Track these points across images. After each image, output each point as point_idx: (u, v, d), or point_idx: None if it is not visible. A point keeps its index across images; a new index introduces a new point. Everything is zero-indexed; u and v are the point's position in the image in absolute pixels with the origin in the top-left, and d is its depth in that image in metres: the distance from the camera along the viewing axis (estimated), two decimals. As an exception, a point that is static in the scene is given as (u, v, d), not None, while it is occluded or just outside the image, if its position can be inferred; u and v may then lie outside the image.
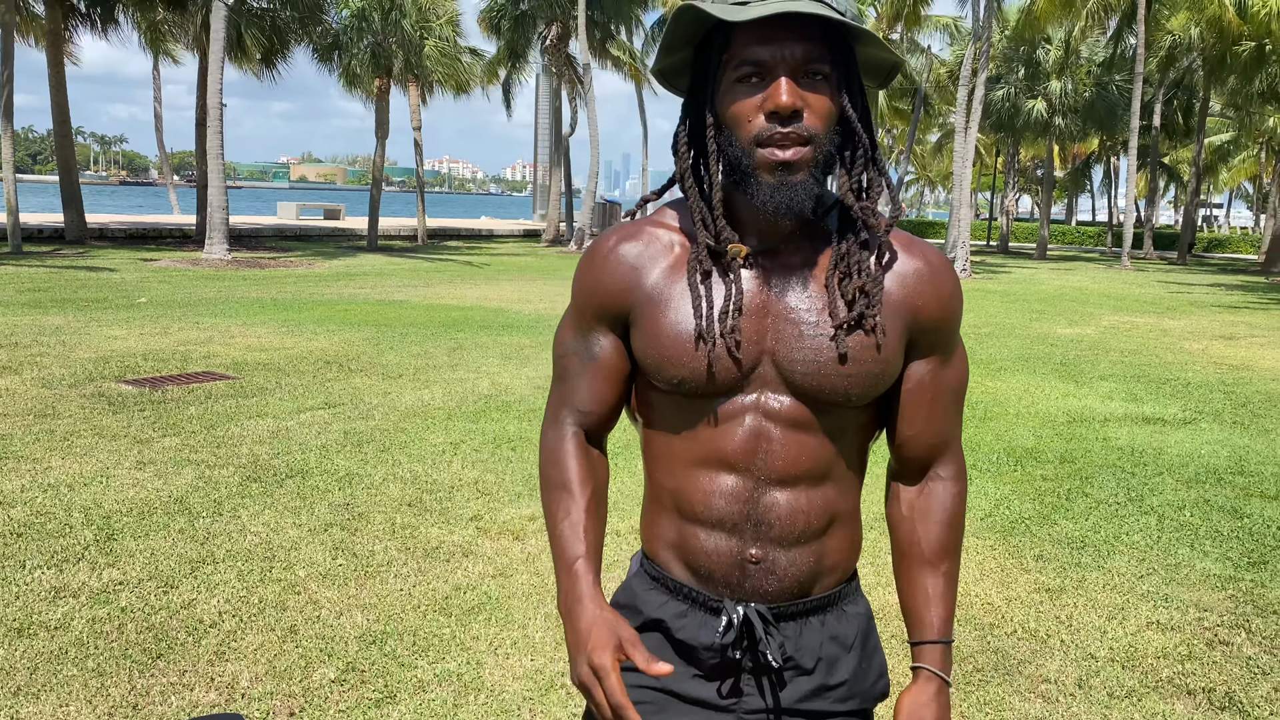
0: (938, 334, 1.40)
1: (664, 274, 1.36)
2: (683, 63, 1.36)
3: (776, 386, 1.33)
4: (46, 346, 8.87)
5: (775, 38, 1.22)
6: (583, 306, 1.42)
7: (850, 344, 1.30)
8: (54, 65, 23.40)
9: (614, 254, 1.38)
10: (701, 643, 1.39)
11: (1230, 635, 3.77)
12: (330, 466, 5.55)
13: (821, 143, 1.24)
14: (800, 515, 1.35)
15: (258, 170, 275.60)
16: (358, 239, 30.83)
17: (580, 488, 1.41)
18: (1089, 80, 37.03)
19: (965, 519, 1.45)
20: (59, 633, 3.43)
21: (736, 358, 1.30)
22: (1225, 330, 14.08)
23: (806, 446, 1.34)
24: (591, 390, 1.42)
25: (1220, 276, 28.45)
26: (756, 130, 1.23)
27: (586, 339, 1.42)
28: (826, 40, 1.24)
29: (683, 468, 1.38)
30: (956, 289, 1.41)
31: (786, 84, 1.21)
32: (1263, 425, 7.52)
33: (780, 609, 1.38)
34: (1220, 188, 67.49)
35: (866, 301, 1.29)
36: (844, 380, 1.31)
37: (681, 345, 1.31)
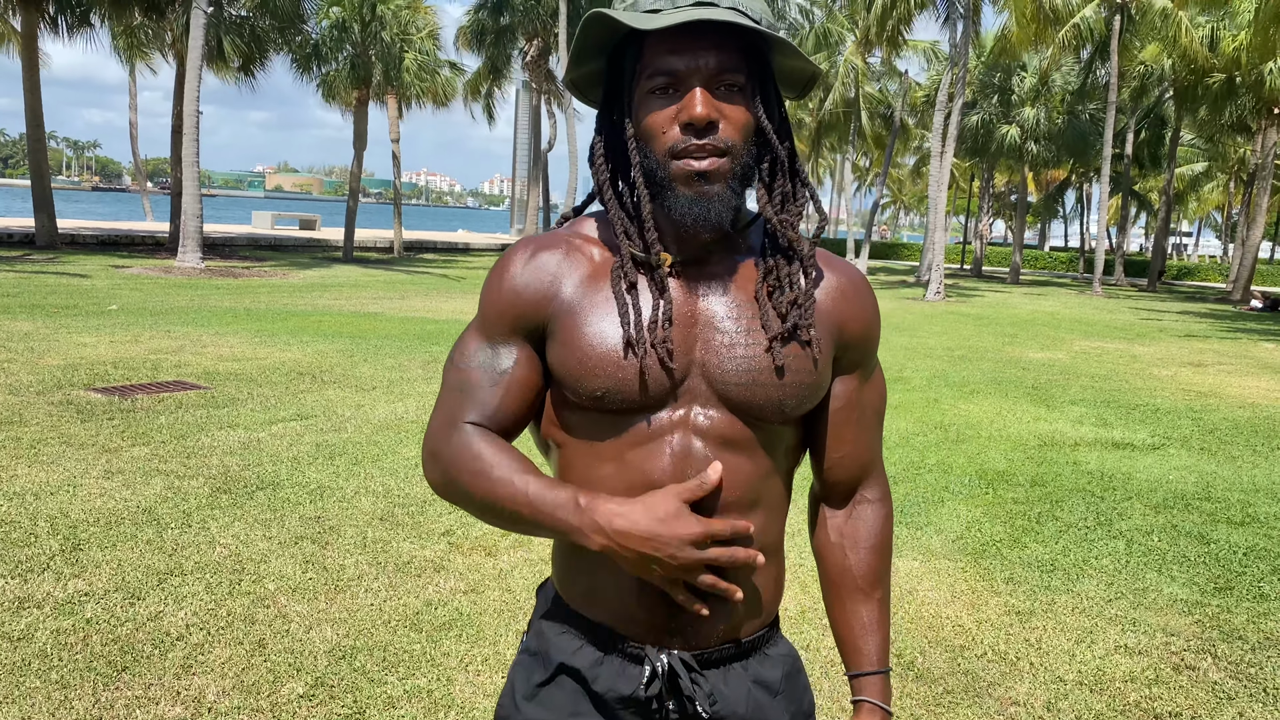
0: (861, 351, 1.38)
1: (583, 283, 1.29)
2: (596, 73, 1.32)
3: (706, 400, 1.27)
4: (14, 353, 8.76)
5: (688, 47, 1.18)
6: (495, 318, 1.32)
7: (786, 356, 1.26)
8: (28, 69, 23.21)
9: (531, 263, 1.31)
10: (621, 694, 1.30)
11: (1197, 660, 3.81)
12: (302, 479, 5.51)
13: (738, 154, 1.21)
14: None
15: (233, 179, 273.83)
16: (333, 250, 30.71)
17: (514, 458, 1.27)
18: (1062, 108, 37.53)
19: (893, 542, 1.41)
20: (22, 644, 3.37)
21: (669, 367, 1.24)
22: (1194, 357, 14.26)
23: (737, 468, 1.27)
24: (500, 404, 1.31)
25: (1189, 304, 28.84)
26: (671, 142, 1.20)
27: (496, 351, 1.32)
28: (741, 49, 1.21)
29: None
30: (876, 308, 1.40)
31: (701, 95, 1.18)
32: (1229, 452, 7.62)
33: (704, 656, 1.31)
34: (1191, 216, 68.50)
35: (800, 314, 1.26)
36: (780, 390, 1.26)
37: (607, 355, 1.25)
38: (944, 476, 6.39)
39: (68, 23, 24.05)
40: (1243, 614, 4.30)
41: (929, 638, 3.89)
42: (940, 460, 6.85)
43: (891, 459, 6.79)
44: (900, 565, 4.70)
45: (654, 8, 1.19)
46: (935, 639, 3.88)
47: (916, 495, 5.93)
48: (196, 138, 20.27)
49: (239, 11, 25.57)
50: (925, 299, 24.33)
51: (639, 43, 1.23)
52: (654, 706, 1.30)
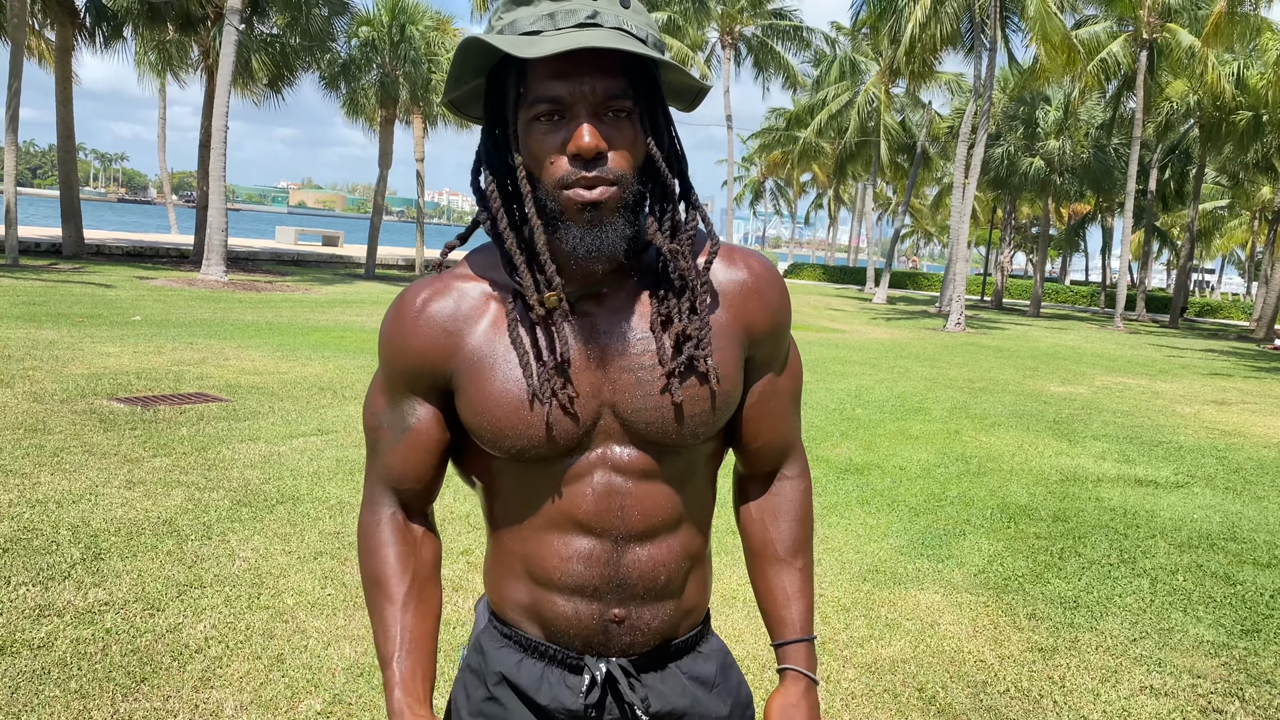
0: (772, 344, 1.35)
1: (483, 333, 1.25)
2: (476, 92, 1.25)
3: (620, 439, 1.26)
4: (39, 361, 8.83)
5: (572, 73, 1.12)
6: (393, 374, 1.29)
7: (685, 390, 1.24)
8: (61, 81, 23.51)
9: (423, 315, 1.26)
10: (564, 704, 1.32)
11: (1224, 704, 3.75)
12: (322, 494, 5.51)
13: (628, 183, 1.17)
14: (662, 568, 1.30)
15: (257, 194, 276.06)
16: (355, 266, 30.89)
17: (397, 581, 1.30)
18: (1086, 142, 37.47)
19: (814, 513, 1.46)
20: (42, 652, 3.37)
21: (574, 414, 1.22)
22: (1217, 395, 14.13)
23: (660, 496, 1.28)
24: (407, 464, 1.31)
25: (1212, 342, 28.62)
26: (560, 174, 1.14)
27: (399, 408, 1.30)
28: (627, 72, 1.15)
29: (533, 533, 1.29)
30: (783, 294, 1.36)
31: (588, 127, 1.12)
32: (1255, 492, 7.53)
33: (641, 660, 1.34)
34: (1214, 254, 68.16)
35: (694, 344, 1.23)
36: (691, 422, 1.25)
37: (514, 411, 1.22)
38: (965, 509, 6.34)
39: (103, 35, 24.36)
40: (1270, 657, 4.23)
41: (950, 672, 3.84)
42: (962, 492, 6.79)
43: (912, 489, 6.74)
44: (921, 598, 4.65)
45: (533, 29, 1.13)
46: (957, 674, 3.83)
47: (938, 527, 5.88)
48: (224, 152, 20.46)
49: (270, 29, 25.85)
50: (945, 329, 24.25)
51: (520, 65, 1.16)
52: (595, 714, 1.32)
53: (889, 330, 22.95)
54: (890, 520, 5.96)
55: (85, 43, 24.56)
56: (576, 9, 1.12)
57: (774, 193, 77.78)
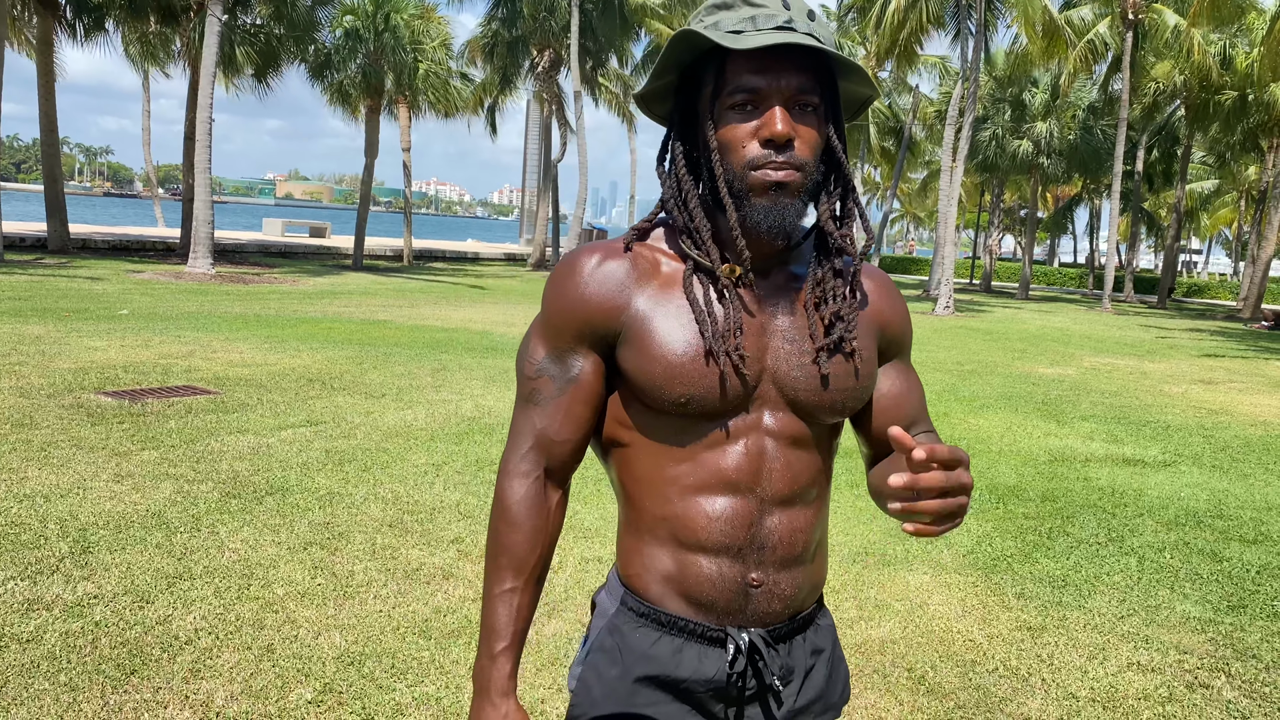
0: (902, 343, 1.49)
1: (655, 292, 1.33)
2: (667, 88, 1.37)
3: (776, 405, 1.34)
4: (25, 356, 8.79)
5: (771, 68, 1.25)
6: (561, 325, 1.35)
7: (832, 365, 1.34)
8: (44, 74, 23.34)
9: (599, 270, 1.34)
10: (704, 676, 1.36)
11: (1210, 678, 3.78)
12: (311, 485, 5.51)
13: (810, 170, 1.28)
14: (800, 535, 1.37)
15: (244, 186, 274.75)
16: (343, 257, 30.79)
17: (528, 554, 1.36)
18: (1074, 124, 37.51)
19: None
20: (31, 646, 3.37)
21: (744, 375, 1.31)
22: (1204, 375, 14.20)
23: (803, 463, 1.37)
24: (568, 417, 1.36)
25: (1199, 322, 28.74)
26: (751, 156, 1.26)
27: (564, 360, 1.36)
28: (816, 73, 1.28)
29: (680, 494, 1.34)
30: (906, 307, 1.52)
31: (782, 114, 1.25)
32: (1241, 470, 7.58)
33: (775, 631, 1.39)
34: (1203, 234, 68.36)
35: (845, 325, 1.34)
36: (840, 395, 1.35)
37: (690, 361, 1.29)
38: (954, 491, 6.36)
39: (84, 27, 24.17)
40: (1256, 632, 4.27)
41: (940, 652, 3.86)
42: (950, 474, 6.81)
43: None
44: (911, 579, 4.67)
45: (736, 29, 1.25)
46: (946, 653, 3.85)
47: (927, 509, 5.89)
48: (209, 144, 20.35)
49: (253, 20, 25.69)
50: (934, 313, 24.29)
51: (718, 61, 1.29)
52: (735, 684, 1.37)
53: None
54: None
55: (66, 35, 24.37)
56: (774, 14, 1.25)
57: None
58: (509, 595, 1.35)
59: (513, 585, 1.36)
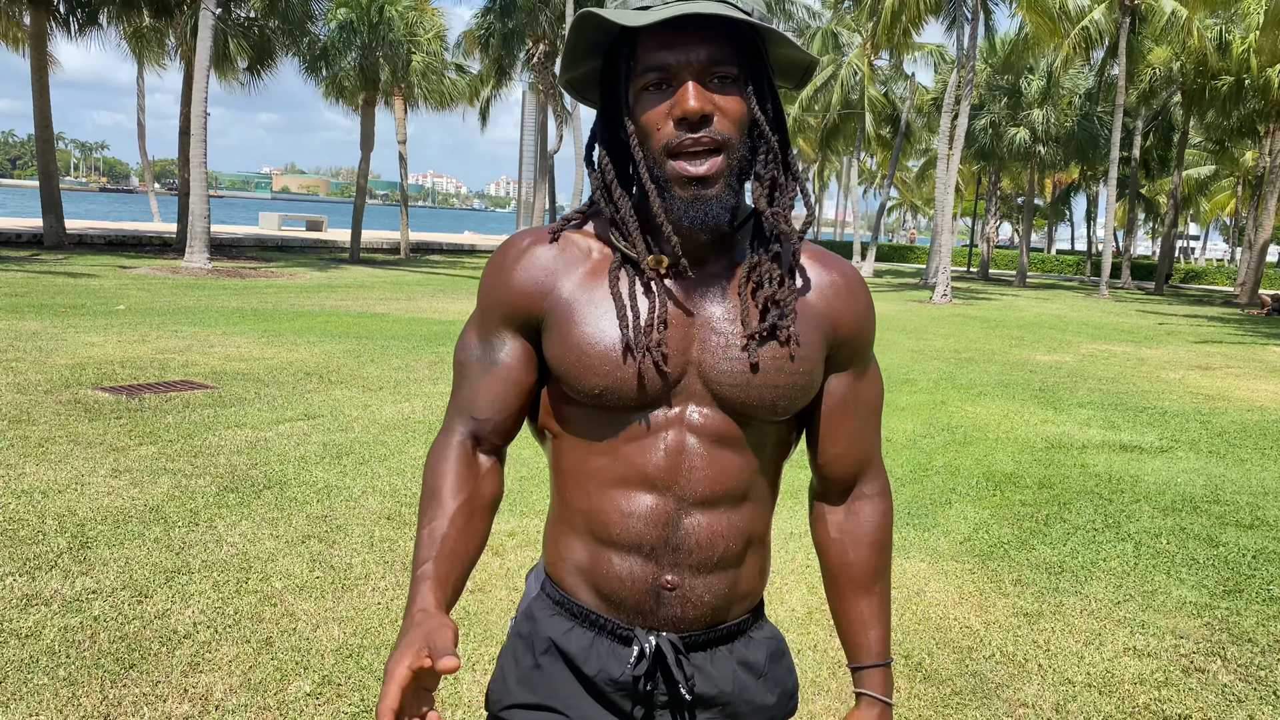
0: (855, 348, 1.38)
1: (581, 280, 1.30)
2: (593, 73, 1.31)
3: (702, 399, 1.29)
4: (22, 352, 8.79)
5: (679, 41, 1.18)
6: (489, 309, 1.35)
7: (764, 354, 1.27)
8: (37, 70, 23.27)
9: (527, 256, 1.32)
10: (610, 675, 1.32)
11: (1206, 663, 3.79)
12: (309, 478, 5.51)
13: (734, 148, 1.21)
14: (720, 539, 1.30)
15: (240, 180, 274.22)
16: (340, 251, 30.76)
17: (451, 495, 1.30)
18: (1071, 110, 37.46)
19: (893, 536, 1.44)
20: (30, 641, 3.38)
21: (664, 370, 1.26)
22: (1201, 360, 14.22)
23: (729, 464, 1.30)
24: (490, 396, 1.34)
25: (1197, 308, 28.75)
26: (666, 138, 1.19)
27: (490, 343, 1.35)
28: (733, 41, 1.20)
29: (598, 487, 1.31)
30: (870, 306, 1.40)
31: (694, 88, 1.17)
32: (1238, 455, 7.59)
33: (691, 638, 1.34)
34: (1201, 220, 68.37)
35: (779, 312, 1.27)
36: (771, 391, 1.28)
37: (605, 355, 1.26)
38: (951, 478, 6.38)
39: (77, 22, 24.10)
40: (1252, 616, 4.28)
41: (936, 639, 3.88)
42: (948, 462, 6.83)
43: (899, 460, 6.77)
44: (908, 566, 4.69)
45: (643, 4, 1.18)
46: (943, 640, 3.87)
47: (924, 497, 5.91)
48: (204, 139, 20.31)
49: (247, 13, 25.61)
50: (932, 301, 24.30)
51: (632, 41, 1.22)
52: (642, 688, 1.32)
53: (875, 303, 22.94)
54: (877, 491, 5.98)
55: (60, 30, 24.30)
56: None
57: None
58: (432, 528, 1.27)
59: (438, 519, 1.27)
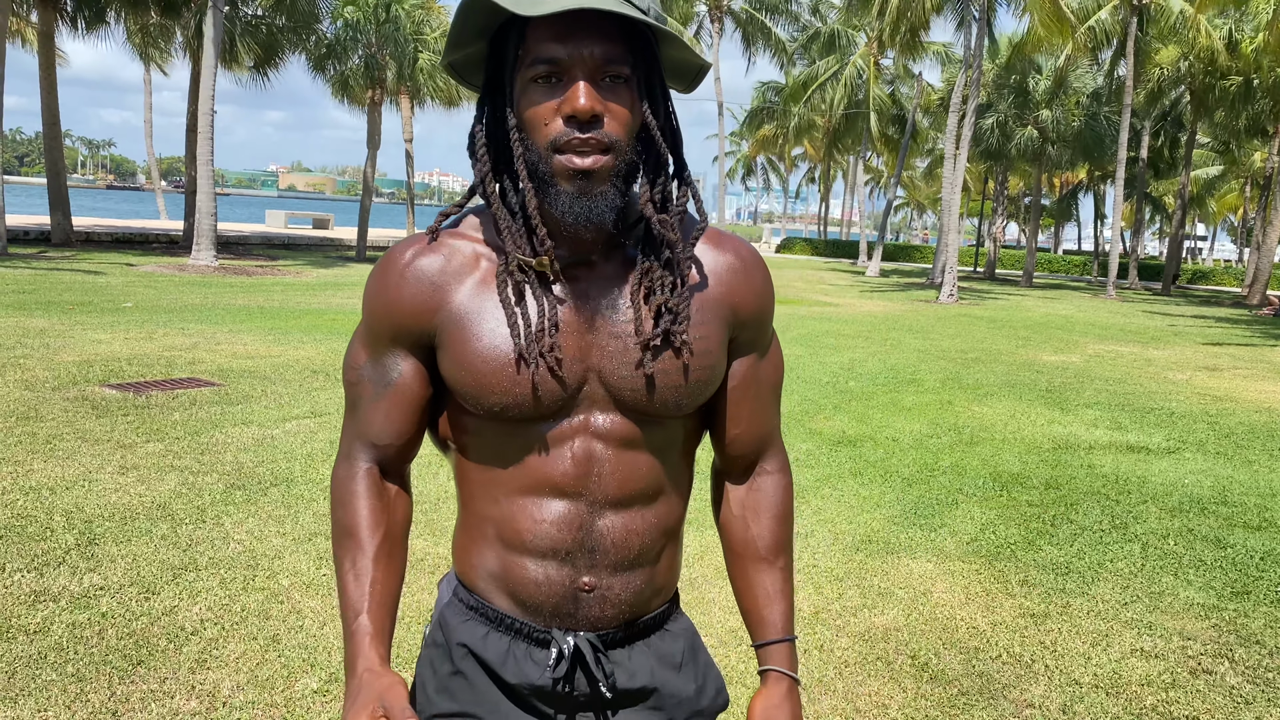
0: (756, 329, 1.35)
1: (471, 290, 1.24)
2: (477, 56, 1.24)
3: (604, 405, 1.26)
4: (30, 349, 8.81)
5: (572, 36, 1.13)
6: (377, 328, 1.28)
7: (662, 361, 1.24)
8: (45, 67, 23.35)
9: (410, 269, 1.26)
10: (530, 680, 1.30)
11: (1214, 664, 3.78)
12: (315, 475, 5.52)
13: (622, 150, 1.17)
14: (635, 538, 1.29)
15: (246, 178, 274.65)
16: (346, 249, 30.80)
17: (369, 534, 1.27)
18: (1078, 110, 37.37)
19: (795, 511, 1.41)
20: (38, 637, 3.39)
21: (560, 378, 1.22)
22: (1209, 361, 14.18)
23: (639, 465, 1.28)
24: (388, 421, 1.29)
25: (1204, 308, 28.68)
26: (554, 135, 1.15)
27: (381, 363, 1.29)
28: (627, 41, 1.15)
29: (506, 495, 1.28)
30: (768, 281, 1.37)
31: (585, 87, 1.13)
32: (1246, 456, 7.57)
33: (609, 636, 1.32)
34: (1211, 220, 68.20)
35: (672, 317, 1.23)
36: (673, 392, 1.26)
37: (500, 369, 1.21)
38: (958, 478, 6.37)
39: (85, 20, 24.15)
40: (1260, 618, 4.27)
41: (943, 639, 3.87)
42: (954, 462, 6.82)
43: (905, 460, 6.77)
44: (914, 566, 4.68)
45: None
46: (950, 640, 3.86)
47: (931, 497, 5.90)
48: (211, 136, 20.35)
49: (254, 11, 25.65)
50: (938, 301, 24.26)
51: (521, 27, 1.16)
52: (562, 689, 1.31)
53: (881, 303, 22.96)
54: (883, 491, 5.98)
55: (67, 27, 24.36)
56: None
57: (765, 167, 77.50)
58: (359, 572, 1.25)
59: (361, 562, 1.26)
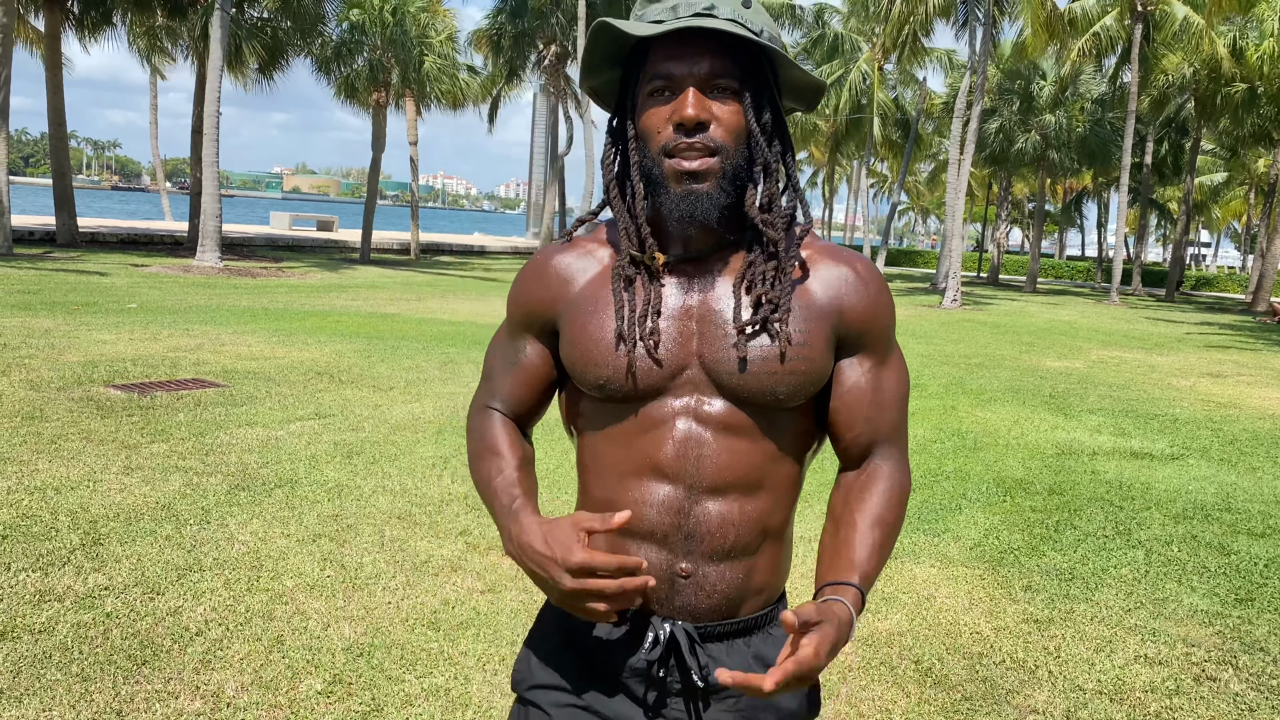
0: (866, 336, 1.40)
1: (591, 283, 1.41)
2: (614, 81, 1.40)
3: (706, 389, 1.35)
4: (35, 349, 8.83)
5: (685, 54, 1.27)
6: (513, 314, 1.49)
7: (758, 347, 1.32)
8: (51, 69, 23.39)
9: (545, 266, 1.45)
10: (627, 661, 1.38)
11: (1218, 671, 3.78)
12: (319, 477, 5.53)
13: (729, 154, 1.29)
14: (731, 528, 1.34)
15: (251, 180, 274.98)
16: (350, 251, 30.83)
17: (509, 451, 1.46)
18: (1083, 116, 37.35)
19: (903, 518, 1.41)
20: (43, 636, 3.39)
21: (657, 359, 1.34)
22: (1213, 368, 14.16)
23: (739, 452, 1.35)
24: (512, 391, 1.50)
25: (1208, 315, 28.64)
26: (665, 140, 1.28)
27: (514, 344, 1.49)
28: (738, 58, 1.29)
29: (614, 477, 1.38)
30: (883, 294, 1.42)
31: (693, 95, 1.26)
32: (1250, 463, 7.56)
33: (707, 629, 1.37)
34: (1216, 226, 68.07)
35: (771, 307, 1.32)
36: (769, 379, 1.32)
37: (602, 347, 1.35)
38: (961, 484, 6.37)
39: (91, 22, 24.19)
40: (1264, 625, 4.27)
41: (947, 644, 3.87)
42: (958, 467, 6.82)
43: (910, 465, 6.76)
44: (918, 571, 4.68)
45: (658, 19, 1.28)
46: (953, 646, 3.86)
47: (934, 502, 5.90)
48: (216, 138, 20.38)
49: (260, 13, 25.69)
50: (942, 306, 24.25)
51: (645, 51, 1.32)
52: (656, 674, 1.37)
53: (885, 308, 22.90)
54: (887, 496, 5.97)
55: (73, 29, 24.41)
56: (696, 1, 1.27)
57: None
58: (505, 476, 1.42)
59: (506, 470, 1.43)
